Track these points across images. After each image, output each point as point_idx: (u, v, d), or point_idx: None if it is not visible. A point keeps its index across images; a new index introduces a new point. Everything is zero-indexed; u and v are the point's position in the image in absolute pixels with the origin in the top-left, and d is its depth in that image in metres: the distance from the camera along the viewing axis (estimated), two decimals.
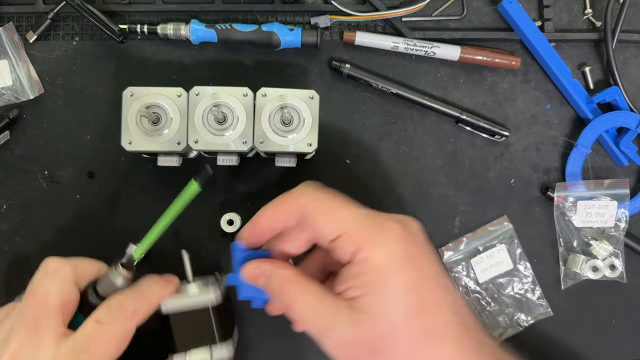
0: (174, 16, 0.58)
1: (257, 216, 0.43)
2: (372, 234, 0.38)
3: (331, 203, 0.40)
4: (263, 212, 0.43)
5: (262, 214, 0.43)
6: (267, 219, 0.42)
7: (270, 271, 0.41)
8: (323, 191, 0.41)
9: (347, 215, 0.39)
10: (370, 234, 0.38)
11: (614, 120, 0.57)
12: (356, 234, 0.38)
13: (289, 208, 0.41)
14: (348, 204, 0.40)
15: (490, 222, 0.59)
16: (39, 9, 0.58)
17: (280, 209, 0.42)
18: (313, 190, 0.41)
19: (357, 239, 0.37)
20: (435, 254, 0.40)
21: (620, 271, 0.58)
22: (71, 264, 0.43)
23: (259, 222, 0.43)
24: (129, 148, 0.49)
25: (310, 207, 0.40)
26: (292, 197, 0.42)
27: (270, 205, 0.43)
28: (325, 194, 0.41)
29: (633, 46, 0.60)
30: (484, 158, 0.59)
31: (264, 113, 0.49)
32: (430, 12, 0.59)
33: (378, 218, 0.39)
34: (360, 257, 0.37)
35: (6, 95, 0.57)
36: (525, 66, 0.59)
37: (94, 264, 0.46)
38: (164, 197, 0.57)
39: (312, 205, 0.40)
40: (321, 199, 0.40)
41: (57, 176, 0.57)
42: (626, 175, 0.59)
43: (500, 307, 0.58)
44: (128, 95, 0.49)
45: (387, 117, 0.58)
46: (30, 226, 0.57)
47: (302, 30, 0.56)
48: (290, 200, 0.42)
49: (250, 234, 0.43)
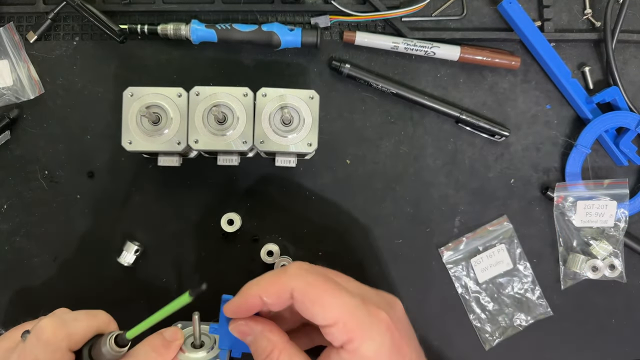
0: (174, 16, 0.58)
1: (244, 294, 0.41)
2: (364, 326, 0.39)
3: (323, 290, 0.40)
4: (251, 291, 0.41)
5: (249, 293, 0.41)
6: (255, 299, 0.41)
7: (260, 333, 0.41)
8: (314, 274, 0.40)
9: (339, 303, 0.39)
10: (362, 326, 0.39)
11: (614, 120, 0.57)
12: (348, 325, 0.38)
13: (279, 291, 0.40)
14: (340, 291, 0.40)
15: (490, 222, 0.59)
16: (40, 9, 0.58)
17: (270, 291, 0.41)
18: (305, 273, 0.40)
19: (349, 330, 0.38)
20: (414, 335, 0.43)
21: (620, 271, 0.58)
22: (65, 329, 0.41)
23: (245, 301, 0.41)
24: (129, 148, 0.49)
25: (302, 293, 0.40)
26: (282, 280, 0.40)
27: (260, 284, 0.41)
28: (317, 279, 0.40)
29: (633, 46, 0.60)
30: (484, 158, 0.59)
31: (264, 113, 0.49)
32: (430, 12, 0.59)
33: (369, 307, 0.40)
34: (352, 346, 0.38)
35: (6, 95, 0.57)
36: (525, 66, 0.59)
37: (93, 322, 0.43)
38: (164, 197, 0.58)
39: (303, 290, 0.40)
40: (313, 284, 0.40)
41: (57, 176, 0.57)
42: (626, 175, 0.59)
43: (500, 307, 0.58)
44: (128, 95, 0.49)
45: (387, 117, 0.59)
46: (30, 226, 0.57)
47: (302, 30, 0.56)
48: (280, 283, 0.40)
49: (236, 311, 0.42)
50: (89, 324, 0.42)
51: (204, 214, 0.57)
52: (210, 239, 0.58)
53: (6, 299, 0.57)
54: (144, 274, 0.57)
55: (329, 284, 0.40)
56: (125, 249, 0.56)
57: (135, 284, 0.57)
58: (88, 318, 0.42)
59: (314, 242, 0.58)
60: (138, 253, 0.56)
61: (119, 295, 0.57)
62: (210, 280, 0.55)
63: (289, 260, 0.56)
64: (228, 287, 0.50)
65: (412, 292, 0.58)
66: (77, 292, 0.57)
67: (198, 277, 0.57)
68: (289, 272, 0.40)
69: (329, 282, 0.40)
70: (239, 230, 0.57)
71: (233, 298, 0.42)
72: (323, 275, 0.41)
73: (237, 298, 0.42)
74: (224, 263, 0.58)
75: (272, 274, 0.41)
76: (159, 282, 0.57)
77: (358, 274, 0.57)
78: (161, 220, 0.57)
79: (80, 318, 0.42)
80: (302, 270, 0.41)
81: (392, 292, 0.57)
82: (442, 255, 0.58)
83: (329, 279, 0.41)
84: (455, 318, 0.58)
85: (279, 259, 0.56)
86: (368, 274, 0.58)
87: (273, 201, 0.58)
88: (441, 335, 0.58)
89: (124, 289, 0.57)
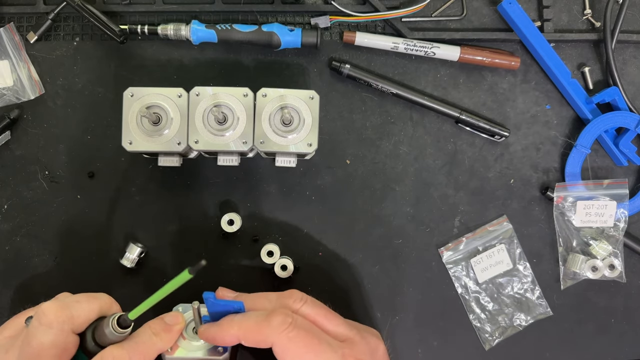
0: (174, 16, 0.58)
1: (223, 329, 0.41)
2: None
3: (304, 347, 0.40)
4: (231, 330, 0.41)
5: (229, 332, 0.41)
6: (232, 338, 0.41)
7: None
8: (297, 329, 0.40)
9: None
10: None
11: (613, 120, 0.57)
12: None
13: (259, 341, 0.40)
14: (321, 347, 0.40)
15: (490, 222, 0.59)
16: (40, 9, 0.58)
17: (250, 338, 0.41)
18: (288, 328, 0.40)
19: None
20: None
21: (620, 271, 0.58)
22: (67, 311, 0.41)
23: (222, 338, 0.41)
24: (130, 148, 0.49)
25: (283, 348, 0.40)
26: (265, 332, 0.40)
27: (241, 327, 0.41)
28: (299, 334, 0.40)
29: (632, 46, 0.60)
30: (484, 158, 0.59)
31: (264, 113, 0.49)
32: (430, 12, 0.59)
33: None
34: None
35: (7, 95, 0.57)
36: (525, 66, 0.59)
37: (95, 304, 0.42)
38: (164, 197, 0.58)
39: (285, 346, 0.40)
40: (295, 340, 0.40)
41: (57, 176, 0.57)
42: (625, 175, 0.59)
43: (500, 307, 0.58)
44: (128, 96, 0.49)
45: (387, 117, 0.59)
46: (30, 226, 0.57)
47: (302, 31, 0.56)
48: (262, 334, 0.40)
49: (211, 340, 0.42)
50: (91, 306, 0.42)
51: (204, 214, 0.58)
52: (210, 239, 0.58)
53: (6, 299, 0.57)
54: (143, 274, 0.57)
55: (310, 338, 0.40)
56: (128, 250, 0.56)
57: (135, 284, 0.57)
58: (90, 300, 0.42)
59: (314, 242, 0.58)
60: (142, 255, 0.56)
61: (119, 295, 0.57)
62: (211, 280, 0.55)
63: (289, 260, 0.56)
64: (228, 287, 0.51)
65: (412, 292, 0.58)
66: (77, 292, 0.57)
67: (198, 277, 0.57)
68: (272, 324, 0.40)
69: (311, 336, 0.40)
70: (239, 230, 0.57)
71: (211, 326, 0.42)
72: (305, 329, 0.41)
73: (216, 329, 0.42)
74: (224, 263, 0.58)
75: (255, 320, 0.41)
76: (159, 282, 0.57)
77: (358, 275, 0.58)
78: (161, 220, 0.58)
79: (82, 300, 0.42)
80: (285, 324, 0.40)
81: (392, 291, 0.58)
82: (442, 255, 0.58)
83: (312, 333, 0.41)
84: (455, 318, 0.58)
85: (279, 259, 0.56)
86: (368, 273, 0.58)
87: (273, 201, 0.58)
88: (441, 335, 0.58)
89: (123, 289, 0.57)
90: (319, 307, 0.44)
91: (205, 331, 0.42)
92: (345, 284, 0.58)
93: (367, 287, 0.58)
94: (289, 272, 0.56)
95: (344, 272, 0.58)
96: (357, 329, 0.44)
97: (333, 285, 0.58)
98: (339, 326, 0.44)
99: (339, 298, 0.58)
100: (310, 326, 0.42)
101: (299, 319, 0.41)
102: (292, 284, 0.58)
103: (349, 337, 0.43)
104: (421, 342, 0.58)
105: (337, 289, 0.58)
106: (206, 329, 0.42)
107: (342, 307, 0.47)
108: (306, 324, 0.42)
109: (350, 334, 0.43)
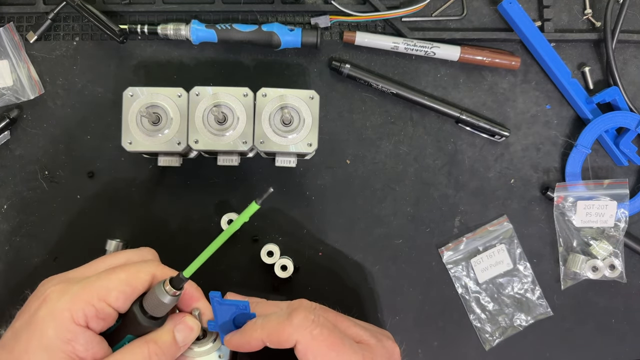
0: (174, 16, 0.58)
1: (247, 335, 0.42)
2: None
3: (327, 346, 0.40)
4: (255, 334, 0.41)
5: (253, 336, 0.41)
6: (257, 342, 0.41)
7: None
8: (320, 327, 0.40)
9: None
10: None
11: (614, 120, 0.57)
12: None
13: (282, 341, 0.40)
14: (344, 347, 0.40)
15: (490, 222, 0.59)
16: (40, 9, 0.58)
17: (273, 339, 0.41)
18: (310, 325, 0.40)
19: None
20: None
21: (620, 271, 0.58)
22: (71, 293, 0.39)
23: (248, 343, 0.42)
24: (129, 148, 0.49)
25: (306, 346, 0.40)
26: (287, 331, 0.40)
27: (264, 330, 0.41)
28: (322, 332, 0.40)
29: (633, 46, 0.60)
30: (484, 158, 0.59)
31: (264, 113, 0.49)
32: (430, 12, 0.59)
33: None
34: None
35: (6, 95, 0.57)
36: (525, 66, 0.59)
37: (122, 276, 0.41)
38: (164, 197, 0.58)
39: (308, 344, 0.40)
40: (318, 338, 0.40)
41: (57, 176, 0.57)
42: (626, 175, 0.59)
43: (500, 307, 0.58)
44: (128, 96, 0.49)
45: (387, 117, 0.59)
46: (30, 226, 0.57)
47: (302, 31, 0.56)
48: (285, 333, 0.40)
49: (237, 347, 0.43)
50: (119, 277, 0.41)
51: (204, 214, 0.57)
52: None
53: (6, 298, 0.57)
54: None
55: (333, 338, 0.40)
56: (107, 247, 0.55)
57: None
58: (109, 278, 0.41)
59: (314, 242, 0.58)
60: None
61: None
62: (211, 280, 0.55)
63: (289, 260, 0.56)
64: (228, 288, 0.51)
65: (412, 292, 0.58)
66: None
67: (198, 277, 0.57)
68: (295, 322, 0.40)
69: (334, 335, 0.41)
70: (239, 230, 0.56)
71: (235, 333, 0.43)
72: (328, 328, 0.41)
73: (240, 336, 0.42)
74: (224, 263, 0.58)
75: (277, 320, 0.41)
76: None
77: (358, 274, 0.58)
78: (161, 220, 0.57)
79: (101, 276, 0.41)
80: (308, 321, 0.40)
81: (392, 291, 0.58)
82: (442, 255, 0.58)
83: (334, 331, 0.41)
84: (455, 318, 0.58)
85: (279, 259, 0.56)
86: (368, 273, 0.58)
87: (273, 201, 0.58)
88: (441, 335, 0.58)
89: None
90: (329, 312, 0.44)
91: (231, 339, 0.43)
92: (346, 284, 0.58)
93: (367, 287, 0.58)
94: (289, 272, 0.56)
95: (344, 272, 0.58)
96: (370, 331, 0.44)
97: (333, 285, 0.58)
98: (355, 326, 0.44)
99: (339, 298, 0.57)
100: (332, 325, 0.42)
101: (321, 317, 0.41)
102: (292, 284, 0.58)
103: (364, 339, 0.43)
104: (421, 342, 0.58)
105: (337, 289, 0.58)
106: (231, 337, 0.43)
107: (343, 307, 0.47)
108: (328, 322, 0.41)
109: (365, 336, 0.43)
